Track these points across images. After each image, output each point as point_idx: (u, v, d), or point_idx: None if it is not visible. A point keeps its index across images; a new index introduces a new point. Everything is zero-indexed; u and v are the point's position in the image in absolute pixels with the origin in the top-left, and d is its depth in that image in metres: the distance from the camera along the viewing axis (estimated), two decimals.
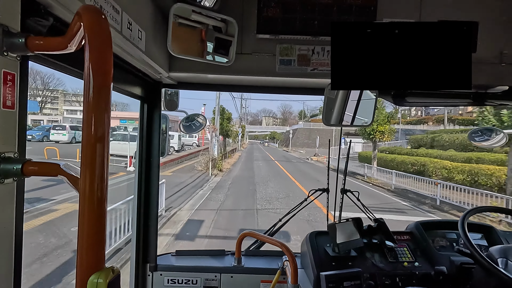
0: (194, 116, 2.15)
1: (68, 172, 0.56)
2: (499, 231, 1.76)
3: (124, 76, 1.26)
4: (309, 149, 45.73)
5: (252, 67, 1.44)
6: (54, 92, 65.27)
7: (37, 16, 0.67)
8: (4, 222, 0.60)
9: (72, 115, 59.43)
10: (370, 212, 1.83)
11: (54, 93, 65.28)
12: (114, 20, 0.87)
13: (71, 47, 0.55)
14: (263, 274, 1.70)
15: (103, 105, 0.46)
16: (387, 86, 0.84)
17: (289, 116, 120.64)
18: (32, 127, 28.47)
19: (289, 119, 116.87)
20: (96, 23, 0.48)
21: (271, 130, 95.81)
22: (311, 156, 33.35)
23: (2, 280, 0.60)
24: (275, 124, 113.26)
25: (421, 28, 0.81)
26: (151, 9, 1.21)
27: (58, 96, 66.55)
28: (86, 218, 0.45)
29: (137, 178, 1.62)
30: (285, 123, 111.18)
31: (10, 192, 0.61)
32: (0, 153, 0.58)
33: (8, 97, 0.59)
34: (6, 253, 0.61)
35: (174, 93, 1.80)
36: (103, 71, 0.47)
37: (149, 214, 1.66)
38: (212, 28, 1.30)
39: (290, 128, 63.64)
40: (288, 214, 1.95)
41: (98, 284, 0.44)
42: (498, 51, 1.43)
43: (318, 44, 1.42)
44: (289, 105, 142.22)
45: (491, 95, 1.51)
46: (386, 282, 1.50)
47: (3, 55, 0.58)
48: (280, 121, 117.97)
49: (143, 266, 1.68)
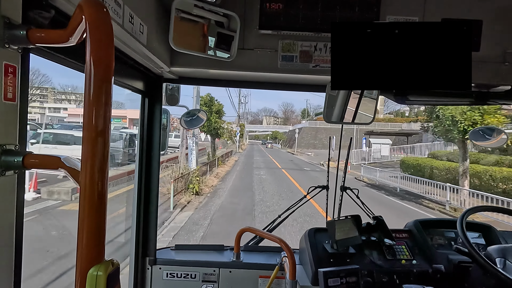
0: (194, 111, 2.15)
1: (69, 165, 0.56)
2: (498, 231, 1.76)
3: (125, 70, 1.26)
4: (317, 151, 41.17)
5: (254, 63, 1.44)
6: (33, 89, 60.74)
7: (39, 8, 0.67)
8: (5, 214, 0.60)
9: (56, 113, 55.66)
10: (369, 209, 1.84)
11: (33, 90, 61.23)
12: (115, 13, 0.87)
13: (73, 40, 0.55)
14: (262, 269, 1.71)
15: (104, 99, 0.46)
16: (387, 86, 0.84)
17: (291, 115, 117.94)
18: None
19: (291, 118, 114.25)
20: (98, 16, 0.48)
21: (272, 130, 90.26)
22: (324, 161, 24.51)
23: (3, 270, 0.61)
24: (276, 124, 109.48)
25: (421, 28, 0.81)
26: (153, 3, 1.20)
27: (40, 92, 62.61)
28: (86, 211, 0.46)
29: (137, 172, 1.63)
30: (287, 122, 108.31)
31: (11, 184, 0.61)
32: (1, 145, 0.58)
33: (9, 89, 0.59)
34: (7, 245, 0.61)
35: (175, 87, 1.79)
36: (104, 65, 0.46)
37: (149, 208, 1.67)
38: (214, 23, 1.29)
39: (295, 127, 60.29)
40: (288, 211, 1.96)
41: (98, 276, 0.45)
42: (501, 50, 1.42)
43: (320, 41, 1.42)
44: (291, 103, 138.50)
45: (494, 94, 1.51)
46: (384, 279, 1.51)
47: (4, 47, 0.58)
48: (281, 121, 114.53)
49: (142, 260, 1.69)
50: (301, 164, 24.99)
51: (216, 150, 22.78)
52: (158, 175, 1.67)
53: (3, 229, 0.60)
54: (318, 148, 45.08)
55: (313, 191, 1.96)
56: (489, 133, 2.16)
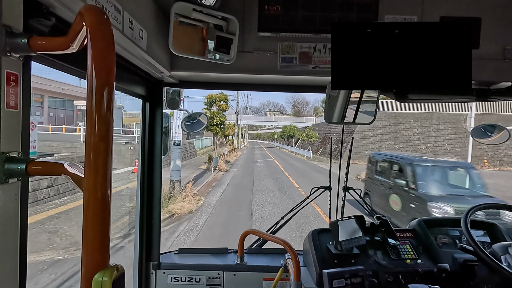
0: (195, 114, 2.15)
1: (72, 171, 0.56)
2: (503, 228, 1.75)
3: (126, 75, 1.27)
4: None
5: (254, 65, 1.44)
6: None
7: (40, 16, 0.67)
8: (9, 221, 0.61)
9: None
10: (372, 209, 1.83)
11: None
12: (115, 19, 0.87)
13: (74, 47, 0.56)
14: (266, 272, 1.70)
15: (106, 104, 0.47)
16: (387, 86, 0.85)
17: (304, 108, 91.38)
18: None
19: (303, 112, 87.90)
20: (98, 22, 0.48)
21: (283, 124, 55.54)
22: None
23: (8, 278, 0.61)
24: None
25: (421, 28, 0.81)
26: (152, 8, 1.21)
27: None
28: (90, 216, 0.46)
29: (139, 177, 1.63)
30: (300, 115, 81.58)
31: (14, 192, 0.61)
32: (4, 153, 0.58)
33: (12, 97, 0.60)
34: (11, 252, 0.61)
35: (175, 92, 1.80)
36: (105, 71, 0.47)
37: (152, 212, 1.67)
38: (213, 27, 1.30)
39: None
40: (290, 212, 1.95)
41: (103, 282, 0.45)
42: (501, 47, 1.42)
43: (319, 42, 1.42)
44: (300, 95, 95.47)
45: (494, 91, 1.50)
46: (389, 279, 1.50)
47: (6, 55, 0.58)
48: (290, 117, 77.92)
49: (146, 264, 1.69)
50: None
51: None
52: (161, 179, 1.67)
53: (7, 237, 0.60)
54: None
55: (315, 192, 1.96)
56: (490, 130, 2.15)
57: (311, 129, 40.83)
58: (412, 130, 25.76)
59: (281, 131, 55.29)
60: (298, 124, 53.38)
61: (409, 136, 25.71)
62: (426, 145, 25.12)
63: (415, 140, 25.52)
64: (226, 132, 23.68)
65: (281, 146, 58.23)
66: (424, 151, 24.33)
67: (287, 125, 53.52)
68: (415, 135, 25.69)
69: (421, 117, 25.85)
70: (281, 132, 55.37)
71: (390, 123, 26.18)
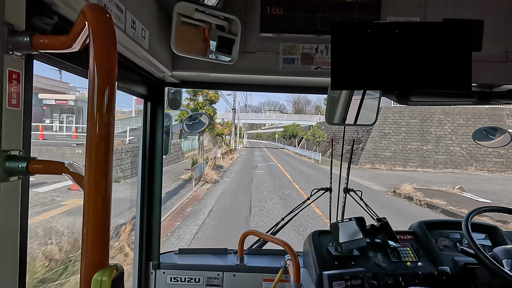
0: (196, 115, 2.16)
1: (73, 170, 0.56)
2: (504, 232, 1.75)
3: (127, 75, 1.27)
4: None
5: (255, 65, 1.44)
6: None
7: (42, 15, 0.67)
8: (9, 220, 0.61)
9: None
10: (373, 211, 1.82)
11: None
12: (117, 18, 0.87)
13: (76, 46, 0.56)
14: (266, 272, 1.70)
15: (108, 103, 0.47)
16: (387, 86, 0.84)
17: (305, 107, 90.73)
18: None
19: (305, 110, 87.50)
20: (101, 21, 0.48)
21: (285, 123, 52.93)
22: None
23: (7, 278, 0.61)
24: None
25: (421, 29, 0.81)
26: (155, 8, 1.21)
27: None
28: (90, 216, 0.46)
29: (140, 177, 1.63)
30: (301, 114, 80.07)
31: (15, 190, 0.62)
32: (5, 151, 0.58)
33: (13, 95, 0.60)
34: (11, 251, 0.61)
35: (177, 92, 1.80)
36: (107, 70, 0.47)
37: (152, 212, 1.67)
38: (215, 27, 1.30)
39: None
40: (291, 213, 1.95)
41: (102, 281, 0.45)
42: (504, 49, 1.41)
43: (321, 43, 1.42)
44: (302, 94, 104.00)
45: (497, 94, 1.50)
46: (389, 282, 1.50)
47: (9, 53, 0.58)
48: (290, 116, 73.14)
49: (146, 264, 1.69)
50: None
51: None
52: (161, 179, 1.68)
53: (7, 235, 0.60)
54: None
55: (316, 193, 1.96)
56: (492, 133, 2.15)
57: (317, 128, 35.61)
58: (443, 128, 21.77)
59: (283, 130, 51.34)
60: (301, 123, 50.15)
61: (439, 135, 21.69)
62: (460, 146, 21.15)
63: (447, 139, 21.56)
64: (218, 130, 19.58)
65: (282, 146, 55.03)
66: (459, 153, 20.56)
67: (289, 123, 49.80)
68: (446, 133, 21.73)
69: (452, 113, 21.74)
70: (283, 132, 51.22)
71: (415, 120, 22.01)
